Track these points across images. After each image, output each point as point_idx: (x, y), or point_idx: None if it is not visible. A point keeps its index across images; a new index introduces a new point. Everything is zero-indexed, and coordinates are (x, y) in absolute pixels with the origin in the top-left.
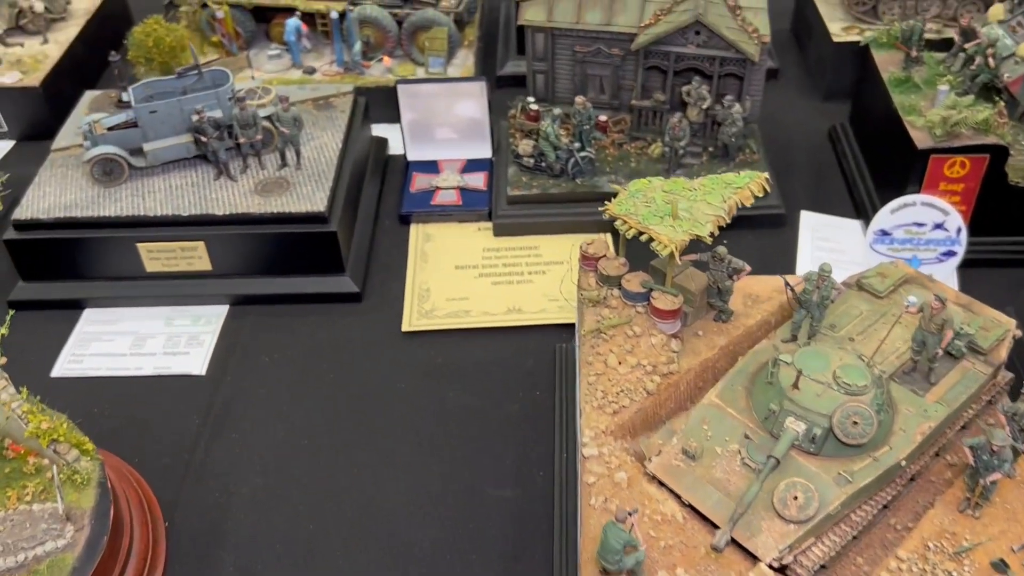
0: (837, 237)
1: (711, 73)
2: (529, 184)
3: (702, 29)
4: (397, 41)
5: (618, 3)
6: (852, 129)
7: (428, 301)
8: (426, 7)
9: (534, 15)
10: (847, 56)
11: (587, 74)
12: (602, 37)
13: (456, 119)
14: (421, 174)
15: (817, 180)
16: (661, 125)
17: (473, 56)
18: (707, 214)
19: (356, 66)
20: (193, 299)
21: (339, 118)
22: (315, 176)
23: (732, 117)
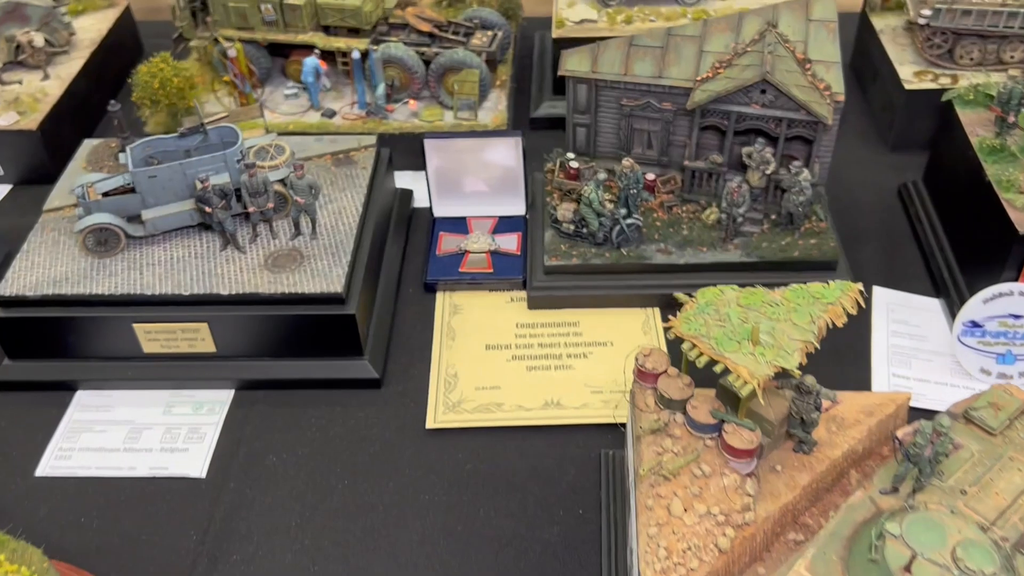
0: (916, 319)
1: (776, 135)
2: (568, 253)
3: (768, 87)
4: (424, 83)
5: (671, 53)
6: (927, 190)
7: (455, 390)
8: (456, 46)
9: (577, 64)
10: (920, 105)
11: (634, 128)
12: (653, 90)
13: (487, 172)
14: (448, 234)
15: (889, 248)
16: (716, 187)
17: (506, 98)
18: (793, 339)
19: (379, 110)
20: (195, 383)
21: (360, 176)
22: (332, 247)
23: (800, 185)
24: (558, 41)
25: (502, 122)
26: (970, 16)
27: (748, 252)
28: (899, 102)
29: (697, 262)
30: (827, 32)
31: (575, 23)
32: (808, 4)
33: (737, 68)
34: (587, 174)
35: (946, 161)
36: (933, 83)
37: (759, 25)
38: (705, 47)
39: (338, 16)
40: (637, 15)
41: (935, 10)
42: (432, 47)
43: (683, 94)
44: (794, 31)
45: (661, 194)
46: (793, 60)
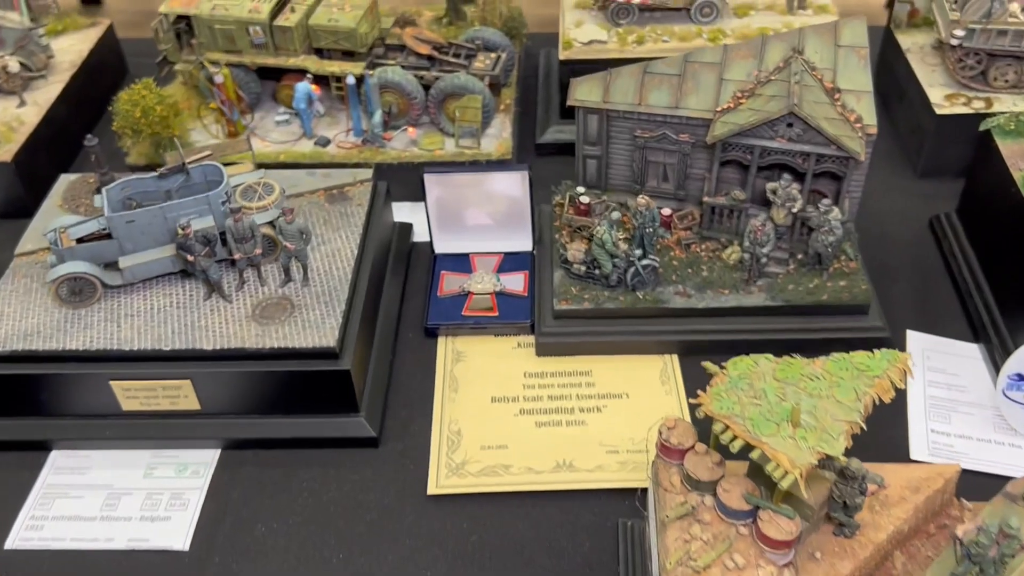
0: (954, 367)
1: (803, 171)
2: (580, 296)
3: (796, 120)
4: (423, 109)
5: (689, 82)
6: (962, 224)
7: (459, 449)
8: (457, 70)
9: (587, 94)
10: (952, 131)
11: (648, 161)
12: (669, 122)
13: (492, 206)
14: (450, 273)
15: (921, 287)
16: (738, 224)
17: (510, 123)
18: (837, 419)
19: (376, 138)
20: (178, 442)
21: (355, 214)
22: (325, 295)
23: (830, 224)
24: (566, 63)
25: (506, 150)
26: (1006, 36)
27: (773, 295)
28: (929, 127)
29: (718, 306)
30: (858, 59)
31: (583, 44)
32: (837, 28)
33: (761, 99)
34: (598, 209)
35: (983, 194)
36: (966, 107)
37: (783, 51)
38: (725, 75)
39: (331, 38)
40: (649, 35)
41: (968, 30)
42: (432, 71)
43: (702, 125)
44: (822, 58)
45: (678, 230)
46: (821, 90)
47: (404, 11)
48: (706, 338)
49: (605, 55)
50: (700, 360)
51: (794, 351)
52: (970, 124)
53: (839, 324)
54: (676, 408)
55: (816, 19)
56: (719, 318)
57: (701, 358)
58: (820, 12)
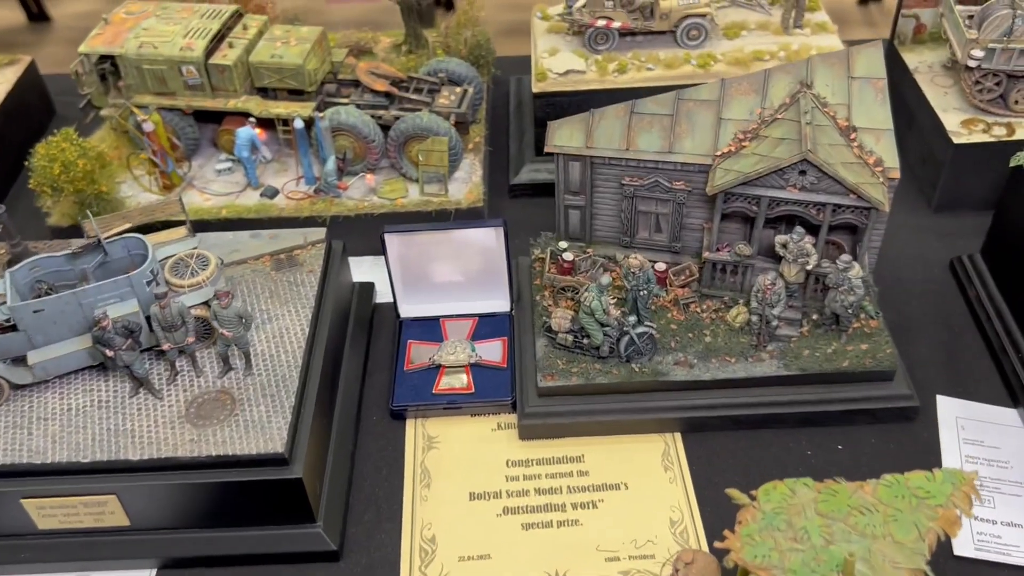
0: (993, 437)
1: (818, 223)
2: (567, 370)
3: (809, 168)
4: (382, 152)
5: (683, 123)
6: (988, 267)
7: (434, 562)
8: (419, 107)
9: (568, 139)
10: (970, 161)
11: (639, 211)
12: (661, 168)
13: (463, 263)
14: (418, 343)
15: (948, 342)
16: (742, 281)
17: (480, 165)
18: (899, 567)
19: (330, 187)
20: (107, 563)
21: (307, 283)
22: (272, 386)
23: (850, 283)
24: (540, 96)
25: (477, 197)
26: None
27: (787, 362)
28: (945, 157)
29: (725, 377)
30: (875, 92)
31: (559, 75)
32: (850, 58)
33: (767, 142)
34: (584, 265)
35: (1013, 234)
36: (986, 134)
37: (789, 85)
38: (724, 114)
39: (276, 77)
40: (632, 62)
41: (988, 50)
42: (391, 109)
43: (699, 171)
44: (834, 92)
45: (675, 288)
46: (835, 129)
47: (358, 39)
48: (712, 414)
49: (583, 86)
50: (706, 438)
51: (811, 425)
52: (991, 154)
53: (862, 393)
54: (683, 499)
55: (815, 38)
56: (726, 390)
57: (707, 436)
58: (819, 31)
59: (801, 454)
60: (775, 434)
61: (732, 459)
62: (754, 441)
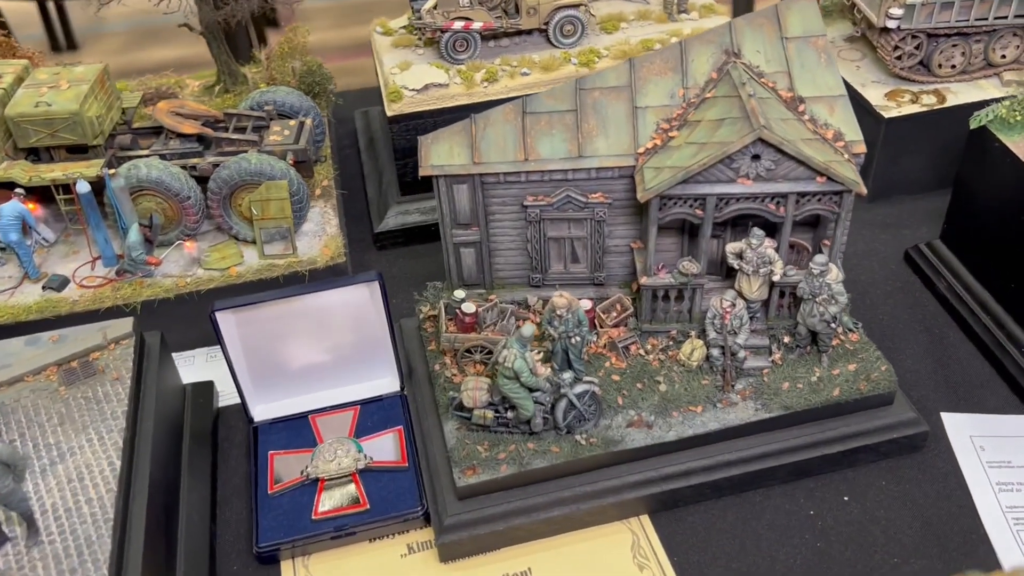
0: (1019, 453)
1: (780, 219)
2: (491, 459)
3: (764, 150)
4: (202, 211)
5: (590, 118)
6: (954, 253)
7: None
8: (245, 148)
9: (447, 156)
10: (904, 139)
11: (548, 238)
12: (572, 179)
13: (330, 338)
14: (283, 453)
15: (932, 347)
16: (690, 307)
17: (334, 212)
18: None
19: (137, 265)
20: None
21: (113, 396)
22: (71, 556)
23: (830, 291)
24: (397, 120)
25: (336, 252)
26: (951, 9)
27: (765, 402)
28: (875, 137)
29: (693, 433)
30: (816, 53)
31: (416, 91)
32: (780, 16)
33: (702, 127)
34: (490, 316)
35: (980, 211)
36: (916, 104)
37: (713, 57)
38: (639, 101)
39: (46, 131)
40: (502, 69)
41: (906, 7)
42: (207, 156)
43: (619, 176)
44: (768, 58)
45: (607, 329)
46: (780, 103)
47: (158, 85)
48: (685, 483)
49: (448, 102)
50: (682, 516)
51: (807, 476)
52: (925, 126)
53: (860, 426)
54: None
55: (706, 22)
56: (698, 450)
57: (683, 512)
58: (707, 13)
59: (803, 516)
60: (766, 495)
61: (721, 537)
62: (743, 508)
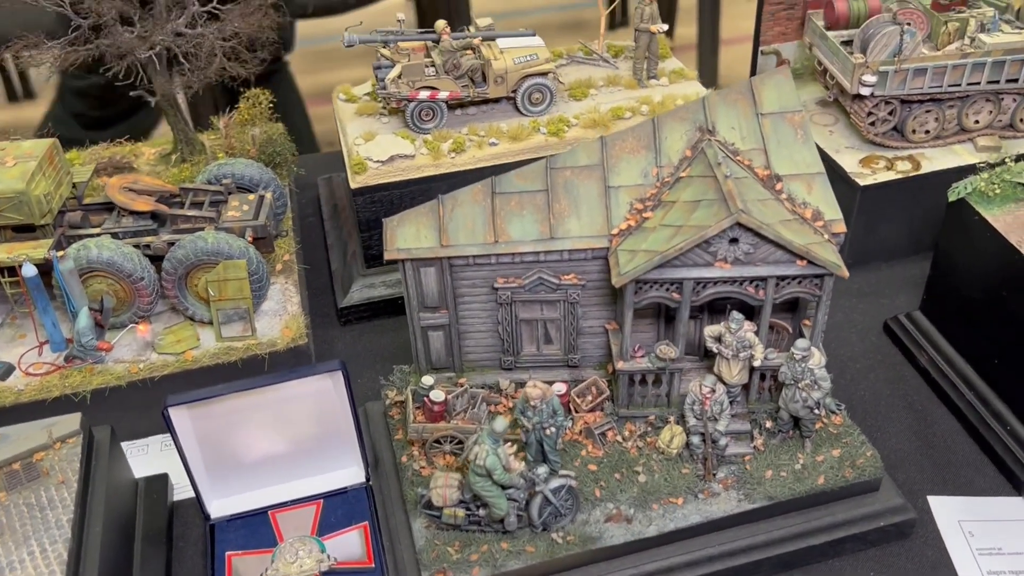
0: (1010, 539)
1: (759, 302)
2: (463, 560)
3: (742, 234)
4: (156, 292)
5: (562, 198)
6: (936, 326)
7: None
8: (201, 225)
9: (414, 239)
10: (879, 206)
11: (520, 320)
12: (544, 260)
13: (293, 427)
14: (241, 553)
15: (916, 425)
16: (668, 391)
17: (295, 288)
18: None
19: (87, 351)
20: None
21: (58, 500)
22: None
23: (813, 376)
24: (361, 193)
25: (298, 333)
26: (925, 76)
27: (748, 492)
28: (851, 204)
29: (675, 527)
30: (793, 129)
31: (381, 163)
32: (755, 91)
33: (677, 208)
34: (460, 404)
35: (960, 283)
36: (891, 171)
37: (687, 134)
38: (612, 180)
39: None
40: (470, 138)
41: (879, 74)
42: (161, 234)
43: (592, 258)
44: (743, 135)
45: (583, 414)
46: (756, 181)
47: (111, 154)
48: None
49: (414, 173)
50: None
51: (792, 568)
52: (901, 193)
53: (847, 514)
54: None
55: (677, 88)
56: (680, 544)
57: None
58: (677, 79)
59: None
60: None
61: None
62: None
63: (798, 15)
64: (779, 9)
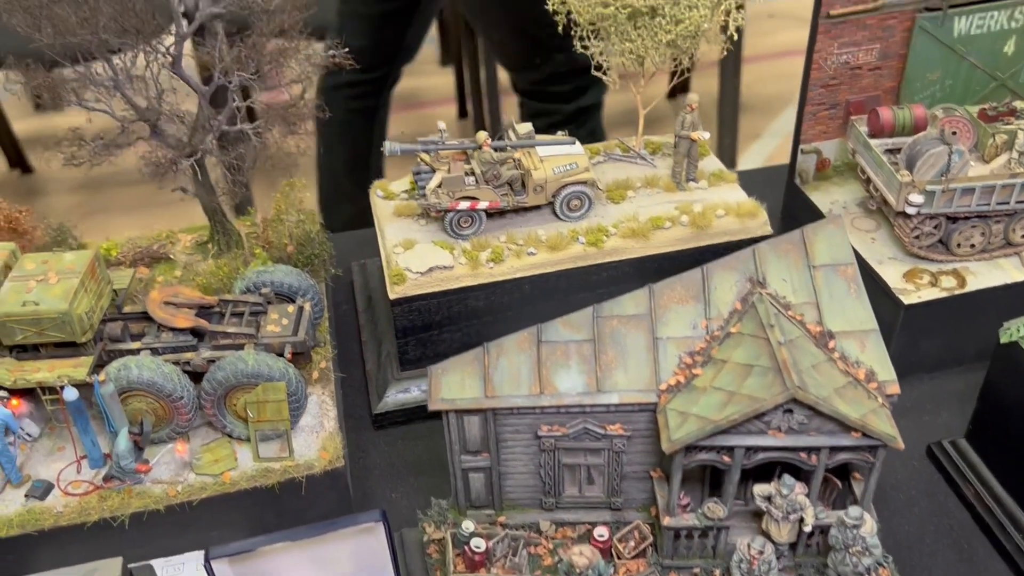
0: None
1: (811, 467)
2: None
3: (797, 406)
4: (195, 410)
5: (608, 349)
6: (981, 458)
7: None
8: (240, 341)
9: (458, 389)
10: (923, 323)
11: (562, 464)
12: (590, 411)
13: (329, 569)
14: None
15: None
16: (715, 544)
17: (331, 400)
18: None
19: (126, 473)
20: None
21: None
22: None
23: (864, 543)
24: (400, 303)
25: (335, 455)
26: (972, 195)
27: None
28: (893, 320)
29: None
30: (845, 283)
31: (420, 274)
32: (806, 241)
33: (728, 370)
34: (499, 550)
35: (1015, 419)
36: (935, 288)
37: (736, 284)
38: (660, 331)
39: (33, 330)
40: (508, 247)
41: (927, 194)
42: (200, 351)
43: (639, 410)
44: (795, 288)
45: (625, 561)
46: (809, 339)
47: (148, 242)
48: None
49: (453, 283)
50: None
51: None
52: (946, 310)
53: None
54: None
55: (715, 192)
56: None
57: None
58: (717, 182)
59: None
60: None
61: None
62: None
63: (840, 115)
64: (821, 109)
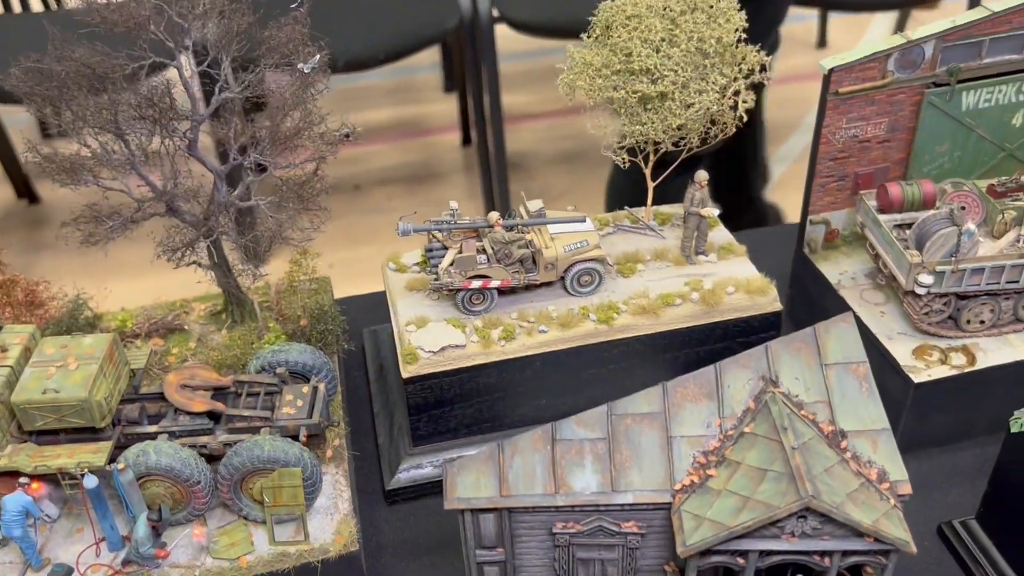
0: None
1: (823, 569)
2: None
3: (811, 513)
4: (212, 493)
5: (623, 448)
6: (992, 540)
7: None
8: (256, 424)
9: (473, 488)
10: (933, 400)
11: (577, 559)
12: (604, 509)
13: None
14: None
15: None
16: None
17: (345, 480)
18: None
19: (145, 559)
20: None
21: None
22: None
23: None
24: (413, 382)
25: (350, 538)
26: (982, 274)
27: None
28: (903, 398)
29: None
30: (857, 381)
31: (433, 353)
32: (818, 339)
33: (742, 473)
34: None
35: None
36: (945, 365)
37: (749, 383)
38: (674, 429)
39: (53, 416)
40: (519, 324)
41: (936, 274)
42: (217, 434)
43: (654, 509)
44: (807, 386)
45: None
46: (821, 440)
47: (164, 312)
48: None
49: (465, 362)
50: None
51: None
52: (956, 387)
53: None
54: None
55: (725, 266)
56: None
57: None
58: (725, 255)
59: None
60: None
61: None
62: None
63: (848, 186)
64: (830, 181)
